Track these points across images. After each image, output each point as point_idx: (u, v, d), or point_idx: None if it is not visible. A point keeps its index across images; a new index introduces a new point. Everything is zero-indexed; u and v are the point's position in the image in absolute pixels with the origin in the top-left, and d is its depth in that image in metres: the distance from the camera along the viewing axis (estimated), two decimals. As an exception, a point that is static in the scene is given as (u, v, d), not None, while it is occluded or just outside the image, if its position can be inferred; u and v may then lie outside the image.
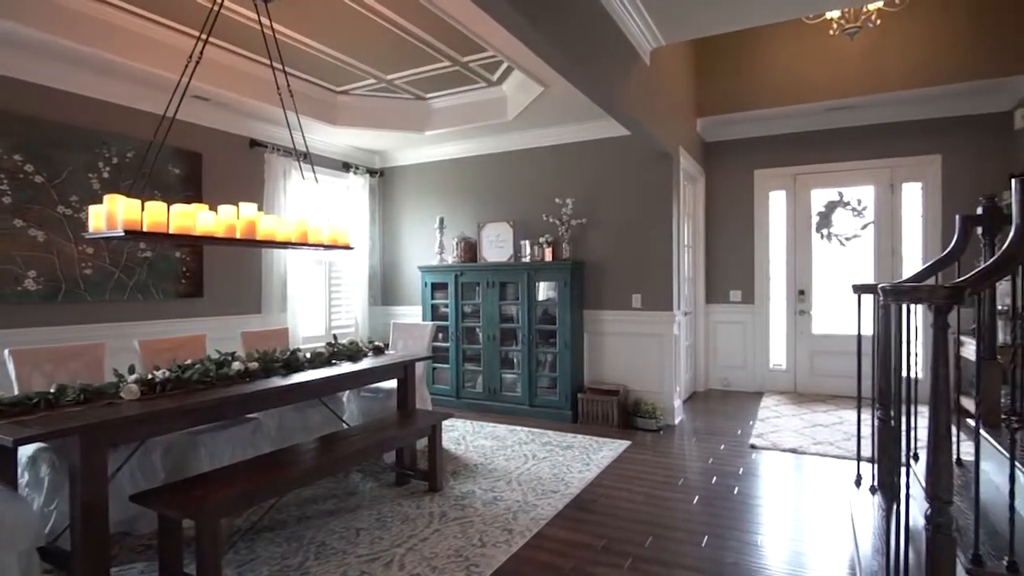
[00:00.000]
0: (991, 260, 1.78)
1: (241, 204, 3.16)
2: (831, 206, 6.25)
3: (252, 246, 3.30)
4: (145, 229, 2.69)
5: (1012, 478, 1.82)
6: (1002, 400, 2.89)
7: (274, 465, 2.76)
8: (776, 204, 6.43)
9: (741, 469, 3.92)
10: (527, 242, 5.53)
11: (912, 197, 5.90)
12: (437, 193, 6.34)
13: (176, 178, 4.50)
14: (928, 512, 1.77)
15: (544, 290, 5.44)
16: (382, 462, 4.00)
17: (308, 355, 3.57)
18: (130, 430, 2.39)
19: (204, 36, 3.10)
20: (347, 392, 4.29)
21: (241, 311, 5.06)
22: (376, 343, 4.11)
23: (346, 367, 3.52)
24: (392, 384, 4.09)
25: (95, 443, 2.19)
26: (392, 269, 6.67)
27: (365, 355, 3.91)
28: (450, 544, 2.83)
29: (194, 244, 4.38)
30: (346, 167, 6.25)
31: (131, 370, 2.75)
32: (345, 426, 3.94)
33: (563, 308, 5.24)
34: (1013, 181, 1.85)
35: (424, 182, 6.46)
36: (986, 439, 2.52)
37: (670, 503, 3.37)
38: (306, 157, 4.59)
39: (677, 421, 5.15)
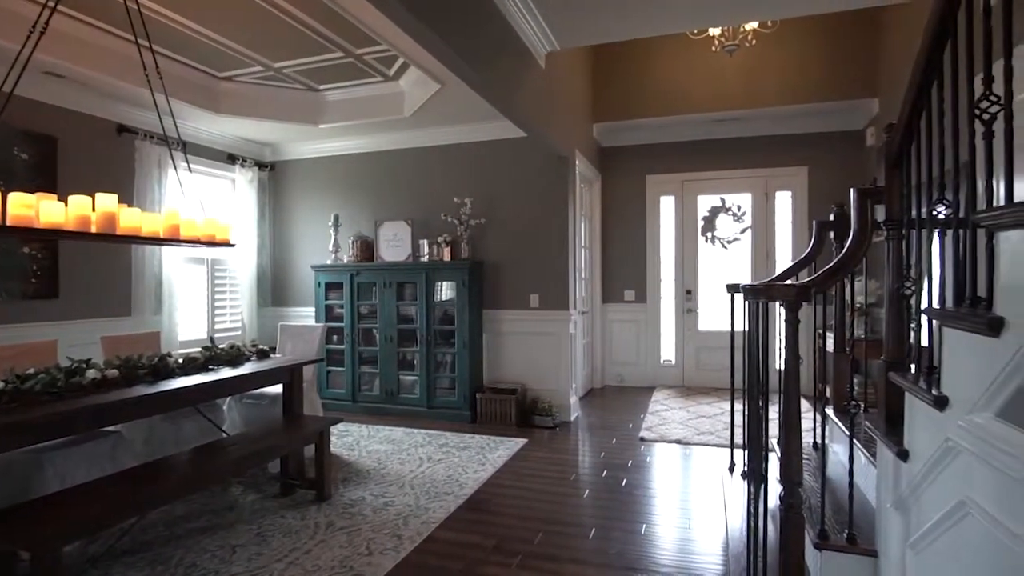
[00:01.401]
0: (833, 262, 1.96)
1: (98, 195, 2.85)
2: (715, 211, 6.69)
3: (111, 241, 2.98)
4: (-28, 220, 2.35)
5: (851, 458, 2.01)
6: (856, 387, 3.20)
7: (134, 481, 2.51)
8: (666, 208, 6.78)
9: (630, 461, 4.09)
10: (425, 241, 5.45)
11: (784, 204, 6.43)
12: (332, 189, 6.10)
13: (23, 164, 3.99)
14: (781, 493, 1.92)
15: (443, 290, 5.38)
16: (267, 472, 3.77)
17: (180, 360, 3.29)
18: (-52, 451, 2.08)
19: (51, 3, 2.76)
20: (227, 399, 4.02)
21: (107, 314, 4.58)
22: (260, 346, 3.86)
23: (224, 372, 3.28)
24: (278, 390, 3.86)
25: (-101, 468, 1.88)
26: (283, 268, 6.34)
27: (247, 359, 3.66)
28: (335, 555, 2.71)
29: (40, 238, 3.91)
30: (232, 159, 5.86)
31: (-46, 382, 2.39)
32: (224, 435, 3.68)
33: (462, 308, 5.21)
34: (852, 191, 2.04)
35: (318, 177, 6.19)
36: (834, 422, 2.77)
37: (561, 498, 3.43)
38: (182, 146, 4.25)
39: (573, 417, 5.28)
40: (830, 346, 5.42)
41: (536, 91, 4.26)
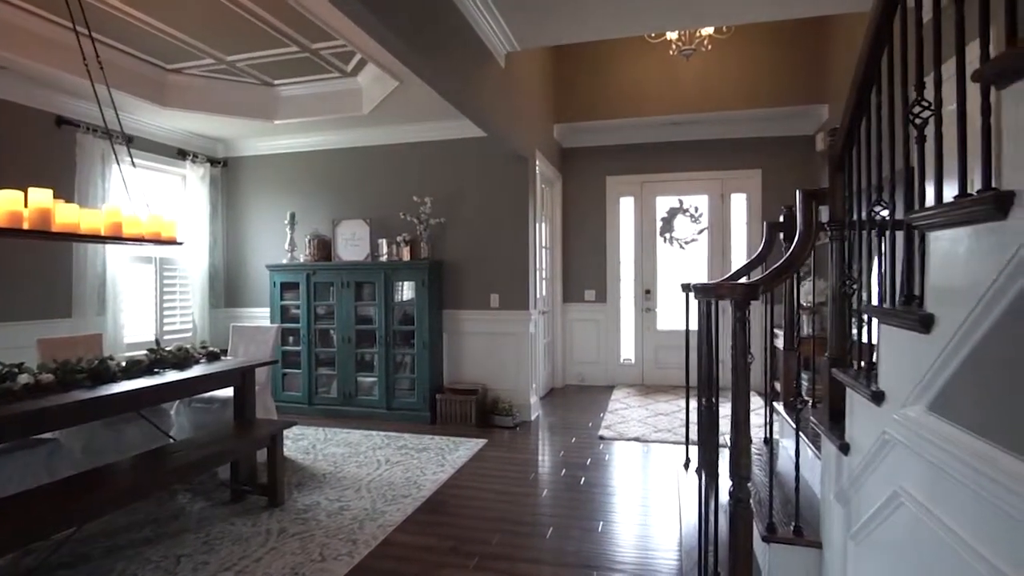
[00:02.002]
0: (780, 261, 2.01)
1: (31, 189, 2.70)
2: (673, 212, 6.81)
3: (45, 239, 2.83)
4: None
5: (797, 452, 2.07)
6: (804, 383, 3.30)
7: (71, 491, 2.39)
8: (626, 209, 6.87)
9: (589, 460, 4.11)
10: (384, 241, 5.38)
11: (739, 206, 6.60)
12: (288, 187, 5.95)
13: (-49, 157, 3.76)
14: (731, 488, 1.95)
15: (402, 290, 5.32)
16: (217, 478, 3.65)
17: (123, 364, 3.15)
18: None
19: (-21, -12, 2.61)
20: (176, 404, 3.87)
21: (45, 315, 4.35)
22: (211, 348, 3.74)
23: (171, 376, 3.15)
24: (229, 393, 3.74)
25: None
26: (237, 268, 6.15)
27: (196, 362, 3.53)
28: (286, 562, 2.64)
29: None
30: (183, 155, 5.65)
31: None
32: (171, 441, 3.54)
33: (421, 308, 5.16)
34: (797, 193, 2.10)
35: (274, 175, 6.03)
36: (783, 417, 2.85)
37: (520, 498, 3.43)
38: (127, 140, 4.08)
39: (534, 417, 5.29)
40: (780, 343, 5.59)
41: (495, 90, 4.25)
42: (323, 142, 5.79)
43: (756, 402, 5.53)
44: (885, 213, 1.61)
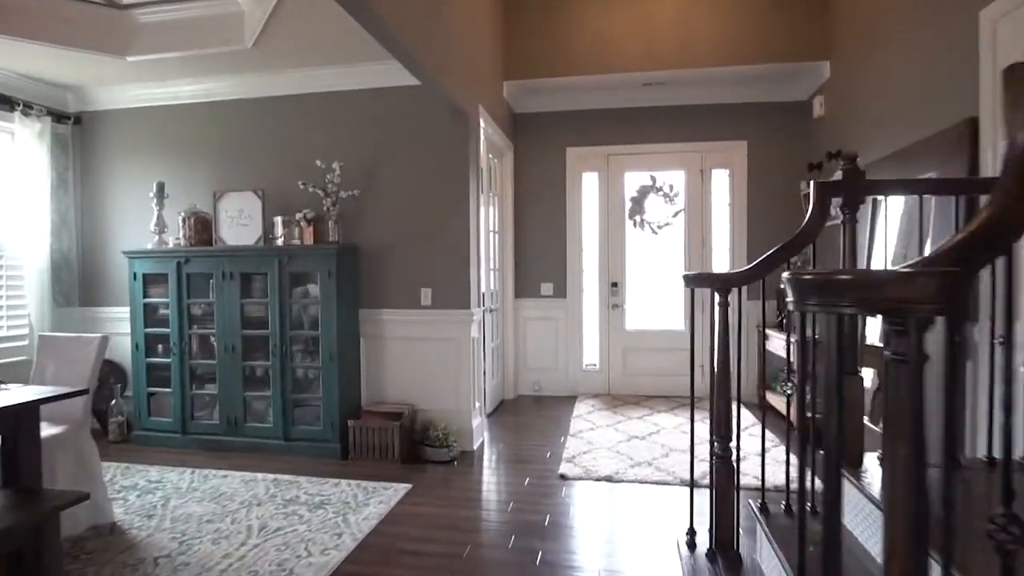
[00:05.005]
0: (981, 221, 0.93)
1: None
2: (644, 191, 5.77)
3: None
4: None
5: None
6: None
7: None
8: (589, 187, 5.80)
9: (548, 517, 3.00)
10: (280, 219, 4.11)
11: (720, 183, 5.62)
12: (156, 149, 4.59)
13: None
14: None
15: (304, 283, 4.07)
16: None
17: None
18: None
19: None
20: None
21: None
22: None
23: None
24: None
25: None
26: (95, 255, 4.76)
27: (-60, 397, 2.25)
28: None
29: None
30: (9, 104, 4.22)
31: None
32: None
33: (328, 308, 3.92)
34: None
35: (138, 133, 4.65)
36: (864, 491, 1.77)
37: (446, 596, 2.29)
38: None
39: (476, 445, 4.16)
40: (774, 346, 4.60)
41: (420, 6, 3.06)
42: (202, 92, 4.45)
43: (747, 419, 4.56)
44: None
